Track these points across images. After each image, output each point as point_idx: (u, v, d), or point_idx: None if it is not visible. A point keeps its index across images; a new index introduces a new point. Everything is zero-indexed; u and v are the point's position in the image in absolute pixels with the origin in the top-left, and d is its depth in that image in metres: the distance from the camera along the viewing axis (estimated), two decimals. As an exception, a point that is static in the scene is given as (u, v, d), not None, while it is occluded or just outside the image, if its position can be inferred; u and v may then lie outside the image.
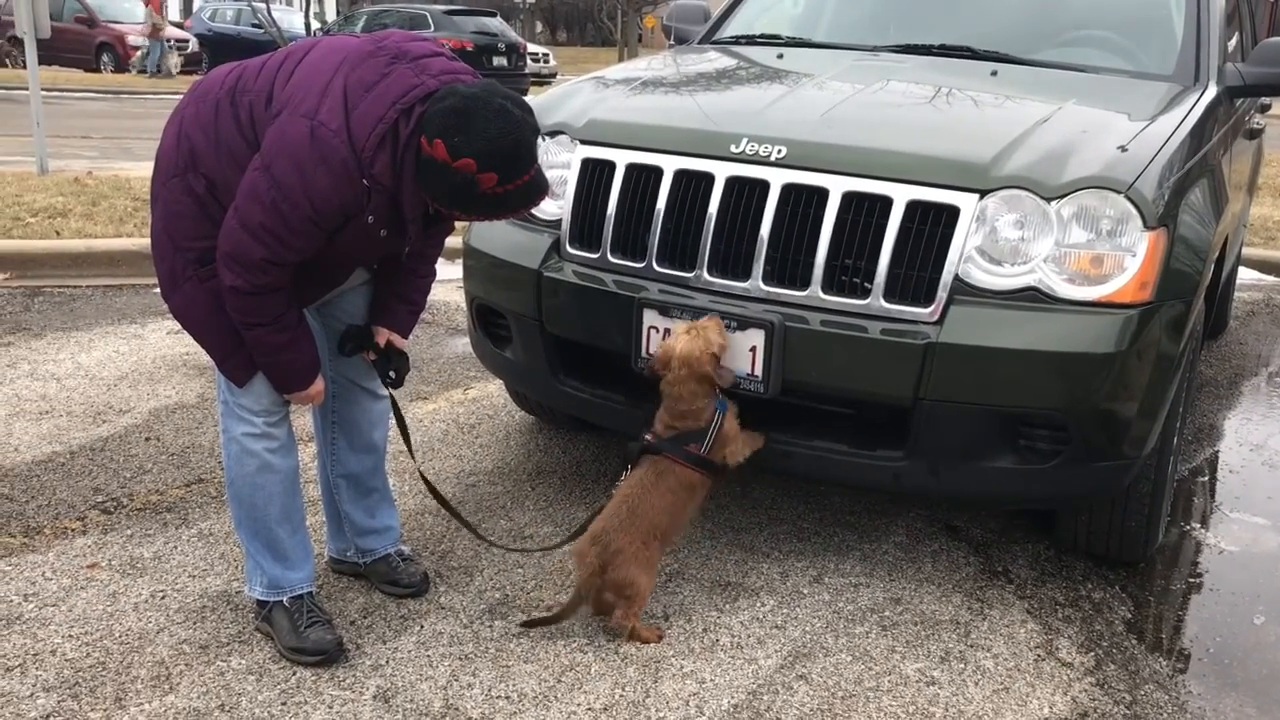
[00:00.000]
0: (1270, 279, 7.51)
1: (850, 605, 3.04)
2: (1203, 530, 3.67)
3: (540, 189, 2.36)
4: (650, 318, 2.97)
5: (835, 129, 3.06)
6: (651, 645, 2.78)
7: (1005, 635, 2.93)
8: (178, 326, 5.37)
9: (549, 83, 23.47)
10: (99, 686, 2.52)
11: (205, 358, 4.84)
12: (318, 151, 2.22)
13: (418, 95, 2.28)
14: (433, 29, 19.10)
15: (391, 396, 2.90)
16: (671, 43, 4.83)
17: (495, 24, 20.65)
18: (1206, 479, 4.14)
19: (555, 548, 3.08)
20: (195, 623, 2.78)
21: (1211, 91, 3.67)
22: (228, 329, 2.45)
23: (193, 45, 24.61)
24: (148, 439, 3.91)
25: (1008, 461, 2.86)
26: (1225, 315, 6.13)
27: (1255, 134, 4.88)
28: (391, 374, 2.77)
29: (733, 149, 2.99)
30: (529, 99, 2.58)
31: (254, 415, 2.58)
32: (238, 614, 2.82)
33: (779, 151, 2.94)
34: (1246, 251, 6.91)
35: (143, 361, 4.74)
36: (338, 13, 30.69)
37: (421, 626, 2.82)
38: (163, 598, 2.89)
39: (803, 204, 2.90)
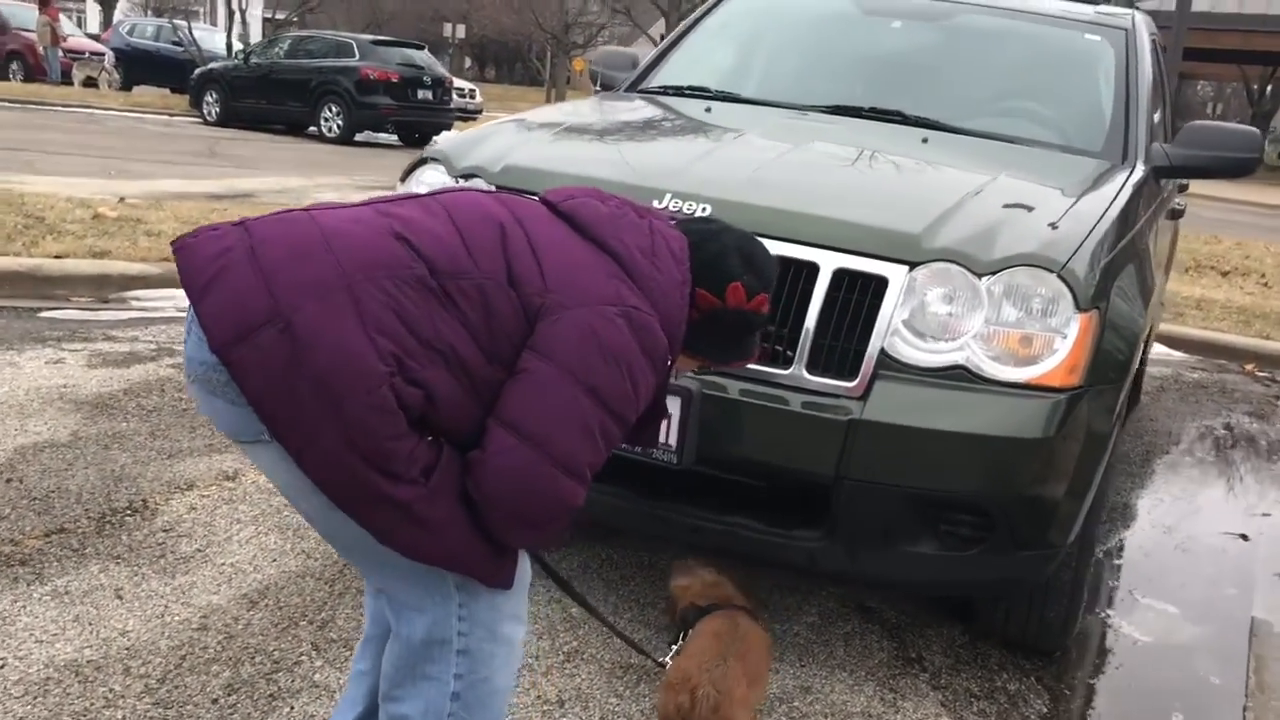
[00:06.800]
0: (1178, 354, 7.59)
1: (758, 692, 2.86)
2: (1116, 618, 3.58)
3: None
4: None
5: (762, 190, 2.92)
6: None
7: (919, 730, 2.78)
8: (58, 355, 5.12)
9: (474, 119, 23.30)
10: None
11: (86, 390, 4.56)
12: (639, 341, 1.85)
13: (687, 247, 2.00)
14: (358, 57, 18.79)
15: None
16: (597, 88, 4.68)
17: (422, 56, 20.35)
18: (1119, 562, 4.06)
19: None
20: (35, 698, 2.49)
21: (1140, 171, 3.63)
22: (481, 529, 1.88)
23: (109, 59, 24.02)
24: (8, 480, 3.58)
25: (928, 547, 2.71)
26: (1138, 392, 6.14)
27: (1176, 214, 4.89)
28: None
29: (655, 204, 2.83)
30: (450, 134, 2.28)
31: (521, 612, 2.04)
32: (86, 687, 2.54)
33: (703, 210, 2.79)
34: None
35: (14, 393, 4.40)
36: (262, 34, 30.20)
37: (291, 708, 2.57)
38: (1, 667, 2.60)
39: (725, 266, 2.75)
